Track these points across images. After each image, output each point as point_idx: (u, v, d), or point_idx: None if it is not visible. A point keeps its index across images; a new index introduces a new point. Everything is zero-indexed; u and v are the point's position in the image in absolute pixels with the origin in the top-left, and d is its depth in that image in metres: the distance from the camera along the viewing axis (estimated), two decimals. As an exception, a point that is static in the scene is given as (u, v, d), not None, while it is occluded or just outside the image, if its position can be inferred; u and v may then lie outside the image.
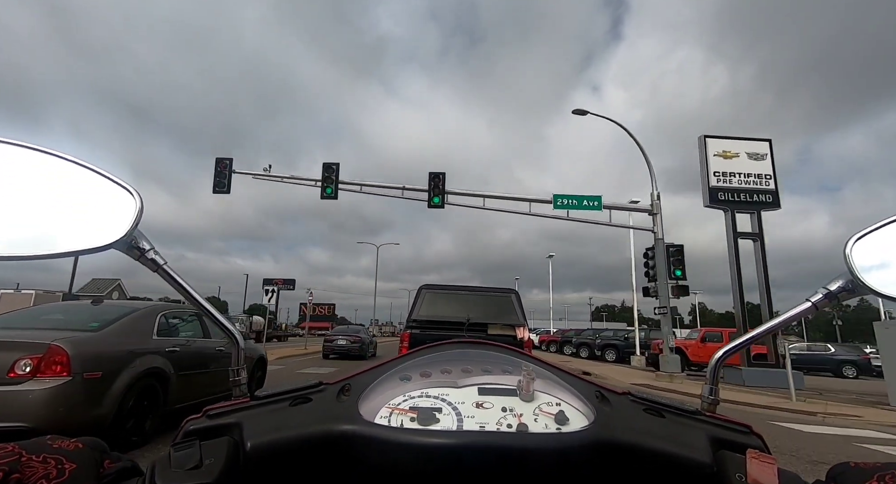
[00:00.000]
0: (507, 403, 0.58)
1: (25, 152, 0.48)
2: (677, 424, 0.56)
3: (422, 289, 6.69)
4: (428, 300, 6.49)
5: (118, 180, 0.53)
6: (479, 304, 6.45)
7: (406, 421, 0.54)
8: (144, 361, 4.13)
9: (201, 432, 0.50)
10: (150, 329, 4.46)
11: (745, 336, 0.65)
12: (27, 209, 0.48)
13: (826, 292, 0.57)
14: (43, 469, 0.37)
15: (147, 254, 0.56)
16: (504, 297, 6.67)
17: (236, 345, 0.66)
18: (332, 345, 16.41)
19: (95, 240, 0.50)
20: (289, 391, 0.58)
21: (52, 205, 0.49)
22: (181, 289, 0.60)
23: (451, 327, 5.82)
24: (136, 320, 4.42)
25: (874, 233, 0.55)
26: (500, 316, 6.22)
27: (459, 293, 6.73)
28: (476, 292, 6.88)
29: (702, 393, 0.64)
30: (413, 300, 6.67)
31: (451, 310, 6.25)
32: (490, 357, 0.70)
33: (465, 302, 6.43)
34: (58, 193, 0.50)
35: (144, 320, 4.50)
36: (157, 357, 4.31)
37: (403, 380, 0.63)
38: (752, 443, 0.53)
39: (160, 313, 4.72)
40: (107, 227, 0.51)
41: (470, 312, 6.06)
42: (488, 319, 6.11)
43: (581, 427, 0.54)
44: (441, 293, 6.66)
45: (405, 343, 6.03)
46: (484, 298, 6.68)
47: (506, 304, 6.48)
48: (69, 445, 0.41)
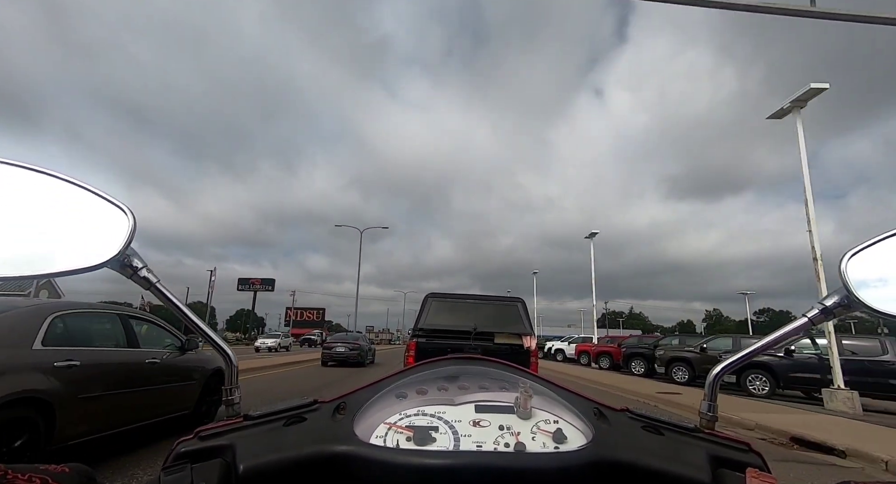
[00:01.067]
0: (504, 421, 0.58)
1: (18, 171, 0.48)
2: (676, 442, 0.56)
3: (428, 297, 6.63)
4: (434, 309, 6.42)
5: (111, 199, 0.53)
6: (486, 312, 6.39)
7: (402, 440, 0.54)
8: (12, 382, 2.89)
9: (192, 455, 0.50)
10: (29, 336, 3.18)
11: (744, 352, 0.64)
12: (20, 228, 0.48)
13: (822, 308, 0.57)
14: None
15: (140, 272, 0.55)
16: (510, 305, 6.61)
17: (229, 364, 0.65)
18: (331, 352, 16.17)
19: (89, 259, 0.50)
20: (282, 410, 0.58)
21: (45, 224, 0.49)
22: (173, 306, 0.60)
23: (458, 336, 5.83)
24: (5, 324, 3.14)
25: (870, 248, 0.55)
26: (507, 325, 6.18)
27: (465, 302, 6.68)
28: (482, 301, 6.80)
29: (700, 410, 0.64)
30: (419, 309, 6.58)
31: (457, 319, 6.22)
32: (487, 373, 0.70)
33: (471, 311, 6.40)
34: (51, 212, 0.49)
35: (20, 325, 3.22)
36: (37, 376, 3.06)
37: (399, 397, 0.63)
38: (752, 461, 0.53)
39: (51, 315, 3.43)
40: (100, 246, 0.51)
41: (476, 320, 6.04)
42: (495, 328, 6.05)
43: (579, 446, 0.54)
44: (447, 302, 6.62)
45: (412, 352, 5.89)
46: (490, 306, 6.61)
47: (512, 312, 6.43)
48: (56, 468, 0.42)
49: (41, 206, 0.49)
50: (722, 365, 0.64)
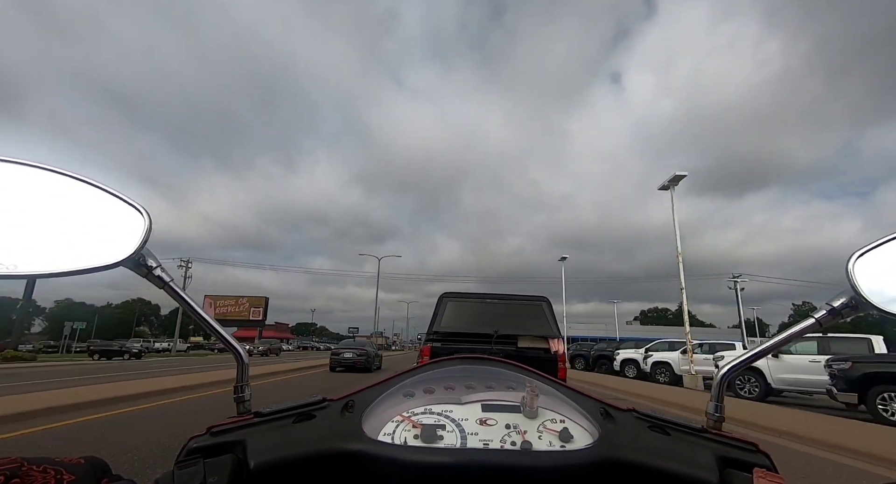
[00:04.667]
0: (511, 420, 0.59)
1: (38, 172, 0.49)
2: (682, 442, 0.56)
3: (443, 297, 6.00)
4: (450, 310, 5.82)
5: (128, 199, 0.54)
6: (507, 313, 5.73)
7: (410, 438, 0.55)
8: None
9: (204, 450, 0.51)
10: None
11: (750, 352, 0.63)
12: (39, 228, 0.49)
13: (830, 309, 0.56)
14: (42, 478, 0.39)
15: (154, 271, 0.56)
16: (534, 305, 5.90)
17: (241, 362, 0.65)
18: (339, 358, 16.63)
19: (105, 258, 0.51)
20: (292, 408, 0.59)
21: (63, 223, 0.50)
22: (186, 305, 0.60)
23: (477, 340, 5.28)
24: None
25: (878, 249, 0.55)
26: (531, 327, 5.53)
27: (484, 301, 6.03)
28: (503, 300, 6.06)
29: (707, 410, 0.63)
30: (434, 310, 5.91)
31: (475, 320, 5.63)
32: (494, 373, 0.70)
33: (490, 311, 5.78)
34: (68, 212, 0.50)
35: None
36: None
37: (407, 396, 0.64)
38: (759, 461, 0.52)
39: None
40: (116, 246, 0.52)
41: (497, 322, 5.44)
42: (518, 331, 5.43)
43: (586, 445, 0.55)
44: (464, 302, 6.01)
45: (426, 358, 5.20)
46: (511, 306, 5.92)
47: (536, 313, 5.75)
48: (70, 460, 0.43)
49: (60, 206, 0.50)
50: (729, 365, 0.63)
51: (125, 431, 5.01)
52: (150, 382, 10.00)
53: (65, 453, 0.45)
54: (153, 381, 10.28)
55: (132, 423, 5.64)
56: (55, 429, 5.12)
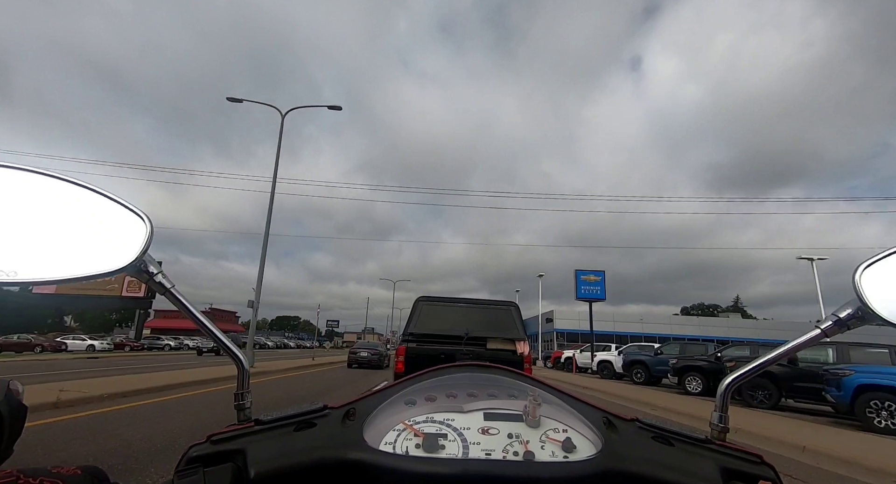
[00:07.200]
0: (513, 429, 0.59)
1: (39, 178, 0.50)
2: (686, 453, 0.55)
3: (418, 301, 6.43)
4: (425, 313, 6.23)
5: (130, 205, 0.54)
6: (478, 317, 6.21)
7: (411, 447, 0.55)
8: None
9: (204, 459, 0.50)
10: None
11: (756, 362, 0.62)
12: (43, 234, 0.49)
13: (836, 319, 0.56)
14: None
15: (155, 277, 0.56)
16: (503, 309, 6.42)
17: (241, 369, 0.65)
18: (356, 356, 19.41)
19: (107, 264, 0.51)
20: (293, 416, 0.58)
21: (65, 229, 0.50)
22: (187, 311, 0.60)
23: (449, 341, 5.70)
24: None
25: (885, 260, 0.55)
26: (500, 330, 6.01)
27: (457, 306, 6.49)
28: (475, 305, 6.59)
29: (711, 420, 0.62)
30: (410, 313, 6.38)
31: (448, 323, 6.02)
32: (495, 381, 0.70)
33: (463, 315, 6.22)
34: (71, 218, 0.51)
35: None
36: None
37: (408, 404, 0.63)
38: (764, 473, 0.52)
39: None
40: (118, 252, 0.52)
41: (468, 325, 5.88)
42: (487, 333, 5.90)
43: (588, 456, 0.54)
44: (438, 305, 6.40)
45: (401, 357, 5.77)
46: (483, 310, 6.41)
47: (505, 317, 6.25)
48: (67, 470, 0.43)
49: (62, 212, 0.51)
50: (734, 375, 0.62)
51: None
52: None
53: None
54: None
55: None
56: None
